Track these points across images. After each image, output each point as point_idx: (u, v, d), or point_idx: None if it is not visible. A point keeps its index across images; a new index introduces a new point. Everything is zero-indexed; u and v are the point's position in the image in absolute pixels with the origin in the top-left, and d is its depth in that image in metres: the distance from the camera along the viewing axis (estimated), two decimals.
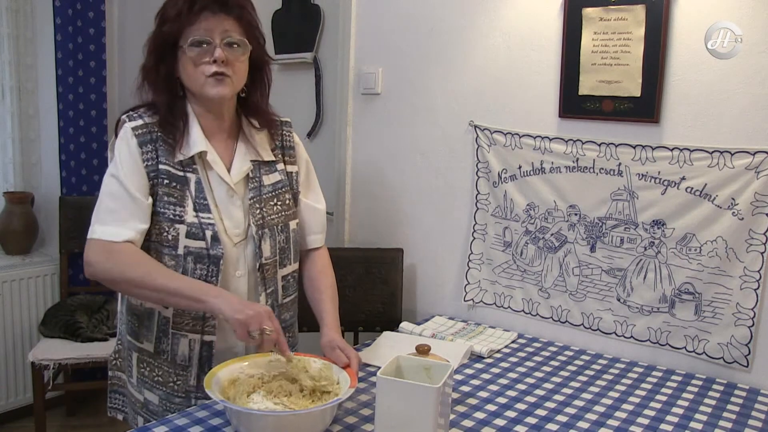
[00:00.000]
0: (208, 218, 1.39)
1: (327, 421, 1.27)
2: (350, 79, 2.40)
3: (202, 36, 1.35)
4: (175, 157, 1.39)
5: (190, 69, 1.37)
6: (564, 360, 1.79)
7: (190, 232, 1.37)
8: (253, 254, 1.45)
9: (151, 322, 1.43)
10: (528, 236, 2.01)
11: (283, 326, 1.55)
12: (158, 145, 1.38)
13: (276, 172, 1.52)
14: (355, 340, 2.28)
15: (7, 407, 2.91)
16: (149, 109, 1.42)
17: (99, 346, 2.63)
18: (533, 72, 1.96)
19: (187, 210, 1.38)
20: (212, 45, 1.35)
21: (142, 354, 1.45)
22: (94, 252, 1.33)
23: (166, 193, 1.37)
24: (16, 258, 3.00)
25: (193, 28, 1.35)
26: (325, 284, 1.59)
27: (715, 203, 1.68)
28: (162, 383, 1.44)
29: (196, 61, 1.36)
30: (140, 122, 1.39)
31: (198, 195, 1.39)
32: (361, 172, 2.43)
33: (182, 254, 1.37)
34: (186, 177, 1.40)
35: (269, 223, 1.47)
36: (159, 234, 1.37)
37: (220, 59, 1.35)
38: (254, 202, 1.46)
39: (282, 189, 1.52)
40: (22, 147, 3.06)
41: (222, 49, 1.36)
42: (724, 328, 1.69)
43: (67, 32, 2.98)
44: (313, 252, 1.63)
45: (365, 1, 2.34)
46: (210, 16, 1.35)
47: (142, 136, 1.38)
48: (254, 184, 1.47)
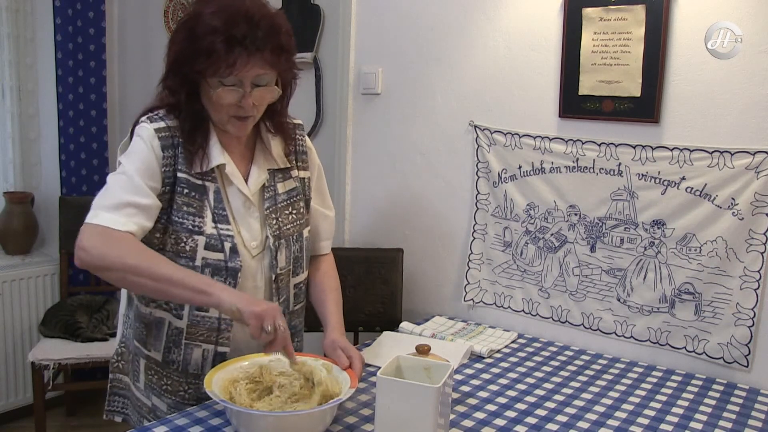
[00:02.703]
0: (227, 230, 1.36)
1: (327, 421, 1.27)
2: (350, 79, 2.40)
3: (233, 81, 1.28)
4: (194, 168, 1.34)
5: (213, 104, 1.32)
6: (564, 360, 1.79)
7: (209, 244, 1.34)
8: (270, 265, 1.42)
9: (160, 332, 1.40)
10: (528, 236, 2.01)
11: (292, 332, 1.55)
12: (178, 152, 1.34)
13: (291, 179, 1.49)
14: (355, 340, 2.28)
15: (7, 407, 2.91)
16: (170, 111, 1.36)
17: (99, 346, 2.63)
18: (533, 72, 1.96)
19: (206, 221, 1.34)
20: (241, 91, 1.29)
21: (150, 362, 1.43)
22: (91, 236, 1.24)
23: (185, 203, 1.34)
24: (16, 258, 3.00)
25: (225, 70, 1.26)
26: (330, 287, 1.58)
27: (715, 203, 1.68)
28: (171, 392, 1.42)
29: (222, 100, 1.29)
30: (163, 125, 1.34)
31: (217, 206, 1.36)
32: (361, 172, 2.43)
33: (200, 266, 1.33)
34: (205, 186, 1.36)
35: (285, 233, 1.44)
36: (176, 244, 1.34)
37: (248, 107, 1.30)
38: (270, 212, 1.43)
39: (296, 197, 1.49)
40: (22, 147, 3.06)
41: (250, 96, 1.29)
42: (724, 328, 1.69)
43: (67, 32, 2.98)
44: (320, 257, 1.63)
45: (365, 1, 2.34)
46: (244, 55, 1.25)
47: (165, 140, 1.33)
48: (270, 193, 1.44)
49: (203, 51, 1.25)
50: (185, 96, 1.32)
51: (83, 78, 3.08)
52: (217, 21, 1.25)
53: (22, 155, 3.06)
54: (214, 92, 1.29)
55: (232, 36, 1.24)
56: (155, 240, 1.35)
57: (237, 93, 1.29)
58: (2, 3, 2.92)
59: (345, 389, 1.27)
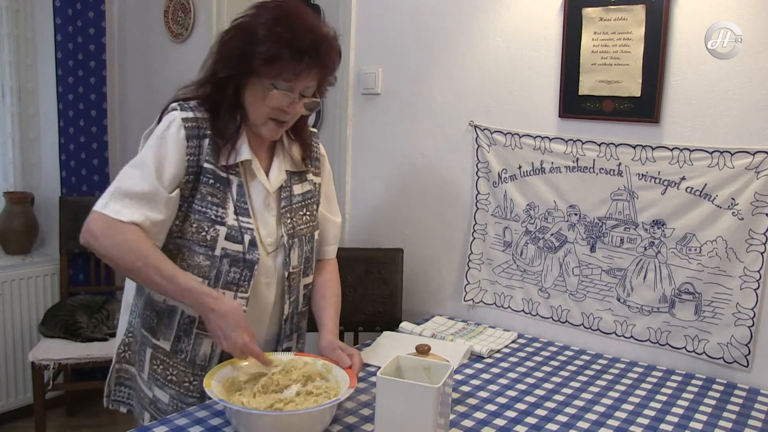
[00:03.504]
0: (248, 222, 1.40)
1: (327, 421, 1.27)
2: (350, 79, 2.40)
3: (287, 87, 1.34)
4: (220, 161, 1.38)
5: (258, 103, 1.36)
6: (564, 360, 1.79)
7: (230, 235, 1.37)
8: (283, 263, 1.47)
9: (172, 321, 1.42)
10: (528, 236, 2.01)
11: (298, 333, 1.59)
12: (203, 143, 1.37)
13: (306, 181, 1.54)
14: (355, 340, 2.28)
15: (7, 407, 2.91)
16: (202, 103, 1.40)
17: (99, 346, 2.63)
18: (533, 72, 1.96)
19: (228, 212, 1.38)
20: (292, 96, 1.35)
21: (157, 351, 1.44)
22: (96, 222, 1.30)
23: (210, 193, 1.37)
24: (16, 258, 3.00)
25: (285, 75, 1.33)
26: (331, 292, 1.60)
27: (715, 203, 1.68)
28: (176, 383, 1.43)
29: (273, 102, 1.35)
30: (191, 115, 1.37)
31: (239, 198, 1.40)
32: (361, 172, 2.43)
33: (219, 255, 1.37)
34: (229, 179, 1.40)
35: (299, 233, 1.49)
36: (197, 233, 1.37)
37: (293, 112, 1.37)
38: (285, 212, 1.47)
39: (311, 199, 1.54)
40: (22, 147, 3.07)
41: (298, 104, 1.37)
42: (724, 328, 1.69)
43: (67, 32, 2.98)
44: (325, 262, 1.65)
45: (365, 1, 2.34)
46: (306, 66, 1.33)
47: (191, 130, 1.36)
48: (286, 193, 1.49)
49: (268, 55, 1.31)
50: (232, 91, 1.37)
51: (83, 78, 3.08)
52: (282, 29, 1.32)
53: (22, 155, 3.06)
54: (267, 93, 1.34)
55: (300, 48, 1.31)
56: (174, 228, 1.38)
57: (288, 98, 1.36)
58: (2, 3, 2.92)
59: (344, 389, 1.27)
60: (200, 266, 1.37)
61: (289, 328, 1.54)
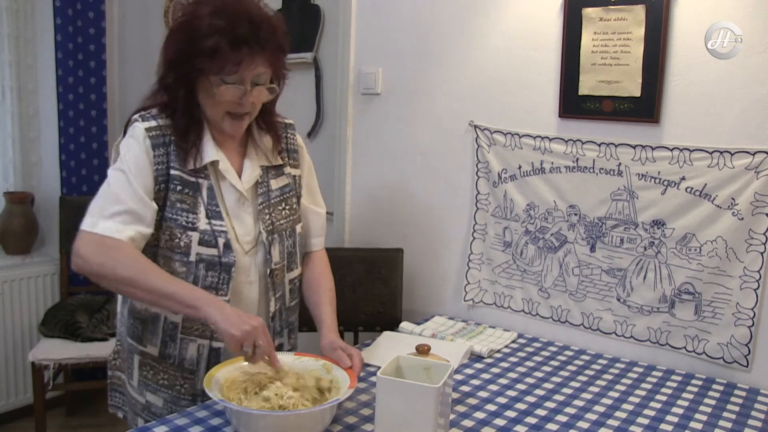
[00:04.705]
0: (221, 225, 1.38)
1: (327, 421, 1.27)
2: (350, 79, 2.40)
3: (235, 79, 1.31)
4: (187, 165, 1.37)
5: (211, 101, 1.34)
6: (564, 360, 1.79)
7: (203, 240, 1.36)
8: (264, 260, 1.45)
9: (156, 327, 1.41)
10: (528, 236, 2.01)
11: (289, 329, 1.57)
12: (170, 150, 1.36)
13: (283, 175, 1.52)
14: (355, 340, 2.28)
15: (7, 407, 2.91)
16: (162, 110, 1.38)
17: (99, 346, 2.63)
18: (533, 72, 1.96)
19: (200, 217, 1.36)
20: (243, 88, 1.32)
21: (145, 357, 1.44)
22: (87, 245, 1.27)
23: (179, 200, 1.36)
24: (16, 258, 3.00)
25: (230, 69, 1.29)
26: (324, 287, 1.59)
27: (715, 203, 1.68)
28: (168, 386, 1.43)
29: (224, 96, 1.32)
30: (154, 123, 1.36)
31: (210, 202, 1.38)
32: (361, 171, 2.43)
33: (194, 261, 1.36)
34: (198, 183, 1.38)
35: (278, 228, 1.47)
36: (170, 240, 1.36)
37: (247, 104, 1.34)
38: (263, 208, 1.45)
39: (290, 193, 1.52)
40: (22, 147, 3.06)
41: (251, 94, 1.33)
42: (724, 328, 1.69)
43: (67, 32, 2.98)
44: (313, 254, 1.63)
45: (365, 1, 2.34)
46: (247, 54, 1.29)
47: (156, 139, 1.35)
48: (263, 189, 1.47)
49: (207, 50, 1.28)
50: (183, 93, 1.35)
51: (83, 78, 3.08)
52: (219, 21, 1.28)
53: (22, 155, 3.06)
54: (216, 89, 1.31)
55: (237, 36, 1.27)
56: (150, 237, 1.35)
57: (239, 90, 1.32)
58: (2, 3, 2.91)
59: (344, 389, 1.27)
60: (177, 273, 1.35)
61: (279, 324, 1.53)
